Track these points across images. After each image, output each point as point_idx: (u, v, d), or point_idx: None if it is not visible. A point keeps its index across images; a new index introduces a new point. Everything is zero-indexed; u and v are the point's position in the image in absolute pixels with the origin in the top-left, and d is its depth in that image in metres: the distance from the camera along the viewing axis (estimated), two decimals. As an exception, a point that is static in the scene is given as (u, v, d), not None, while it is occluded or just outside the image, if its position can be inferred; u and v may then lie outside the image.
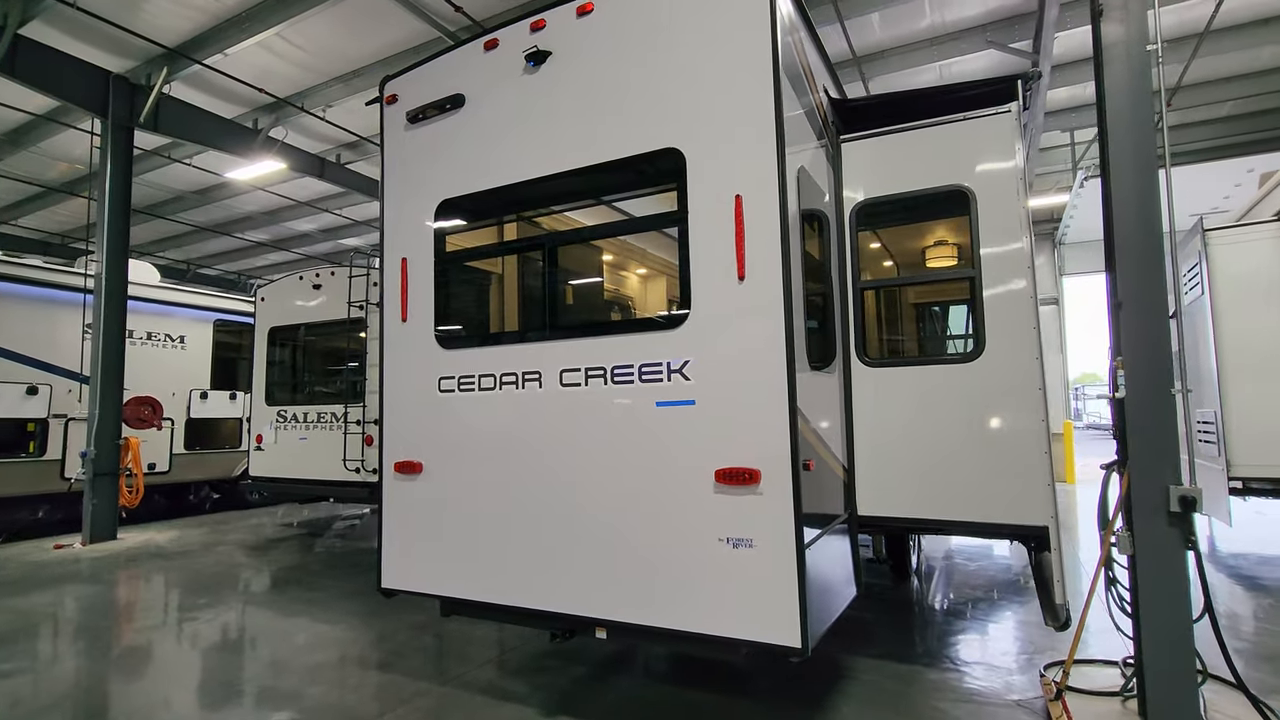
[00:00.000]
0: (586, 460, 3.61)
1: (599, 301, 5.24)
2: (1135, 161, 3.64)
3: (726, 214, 3.25)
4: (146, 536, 9.93)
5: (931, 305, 6.68)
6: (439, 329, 4.17)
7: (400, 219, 4.41)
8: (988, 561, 8.01)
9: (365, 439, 8.45)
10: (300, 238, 19.25)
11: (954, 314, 6.76)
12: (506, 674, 4.60)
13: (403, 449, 4.25)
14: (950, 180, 4.01)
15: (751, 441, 3.12)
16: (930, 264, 5.97)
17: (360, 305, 8.59)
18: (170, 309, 11.45)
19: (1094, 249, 18.22)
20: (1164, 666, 3.54)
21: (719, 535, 3.17)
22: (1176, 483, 3.52)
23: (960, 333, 6.68)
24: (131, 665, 4.95)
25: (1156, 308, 3.58)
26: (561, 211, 4.07)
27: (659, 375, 3.38)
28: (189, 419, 11.47)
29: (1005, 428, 3.79)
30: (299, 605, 6.35)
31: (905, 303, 6.59)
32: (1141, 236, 3.63)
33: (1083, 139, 12.53)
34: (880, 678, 4.46)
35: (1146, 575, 3.57)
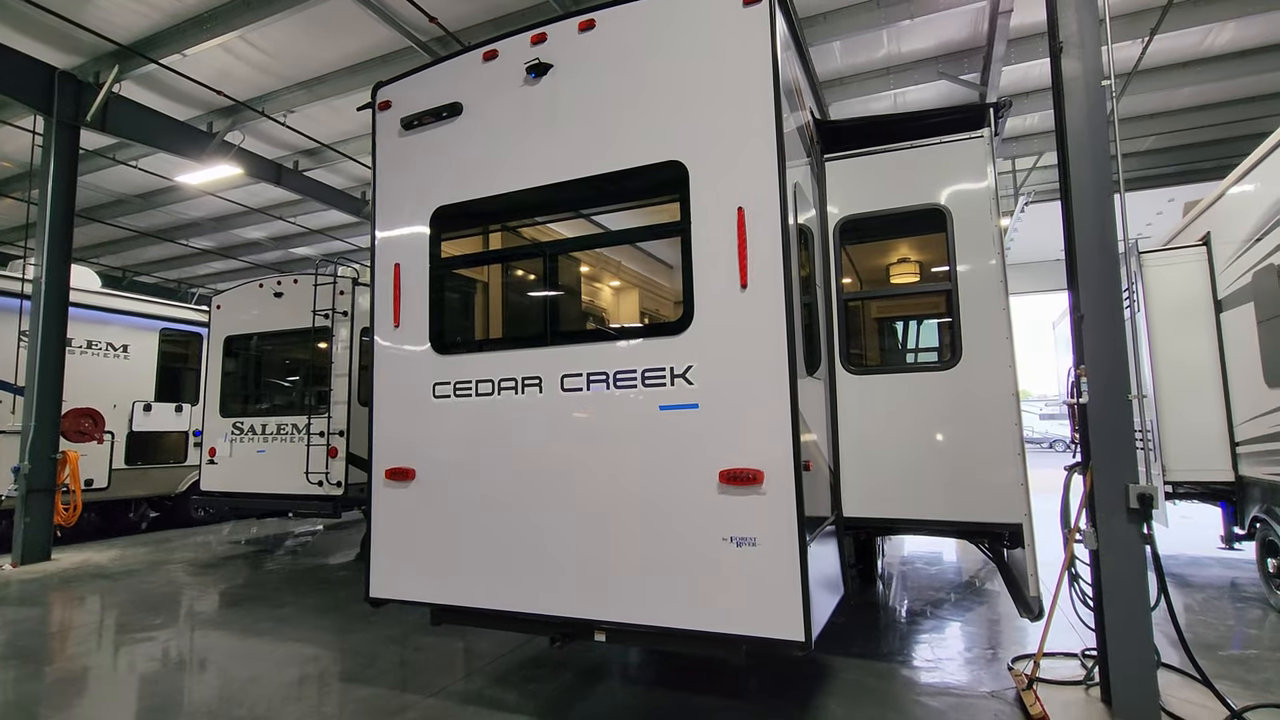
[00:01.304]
0: (588, 464, 3.66)
1: (598, 308, 5.31)
2: (1094, 186, 3.96)
3: (729, 225, 3.39)
4: (84, 556, 9.36)
5: (905, 318, 6.98)
6: (434, 335, 4.17)
7: (393, 225, 4.39)
8: (941, 566, 8.35)
9: (329, 451, 8.23)
10: (248, 245, 18.62)
11: (927, 326, 7.11)
12: (494, 684, 4.56)
13: (394, 455, 4.20)
14: (928, 200, 4.28)
15: (754, 443, 3.24)
16: (894, 280, 6.28)
17: (326, 314, 8.40)
18: (112, 316, 10.90)
19: (1033, 270, 19.30)
20: (1125, 654, 3.80)
21: (723, 535, 3.27)
22: (1134, 481, 3.82)
23: (932, 343, 7.03)
24: (86, 690, 4.69)
25: (1115, 320, 3.89)
26: (562, 220, 4.13)
27: (662, 380, 3.48)
28: (131, 432, 10.90)
29: (982, 431, 4.03)
30: (266, 623, 6.12)
31: (870, 316, 6.89)
32: (1100, 255, 3.94)
33: (1023, 166, 13.34)
34: (862, 676, 4.62)
35: (1109, 568, 3.84)
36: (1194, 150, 12.98)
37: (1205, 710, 3.87)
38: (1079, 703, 4.09)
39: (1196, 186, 11.78)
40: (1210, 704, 3.96)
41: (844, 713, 4.04)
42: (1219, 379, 6.66)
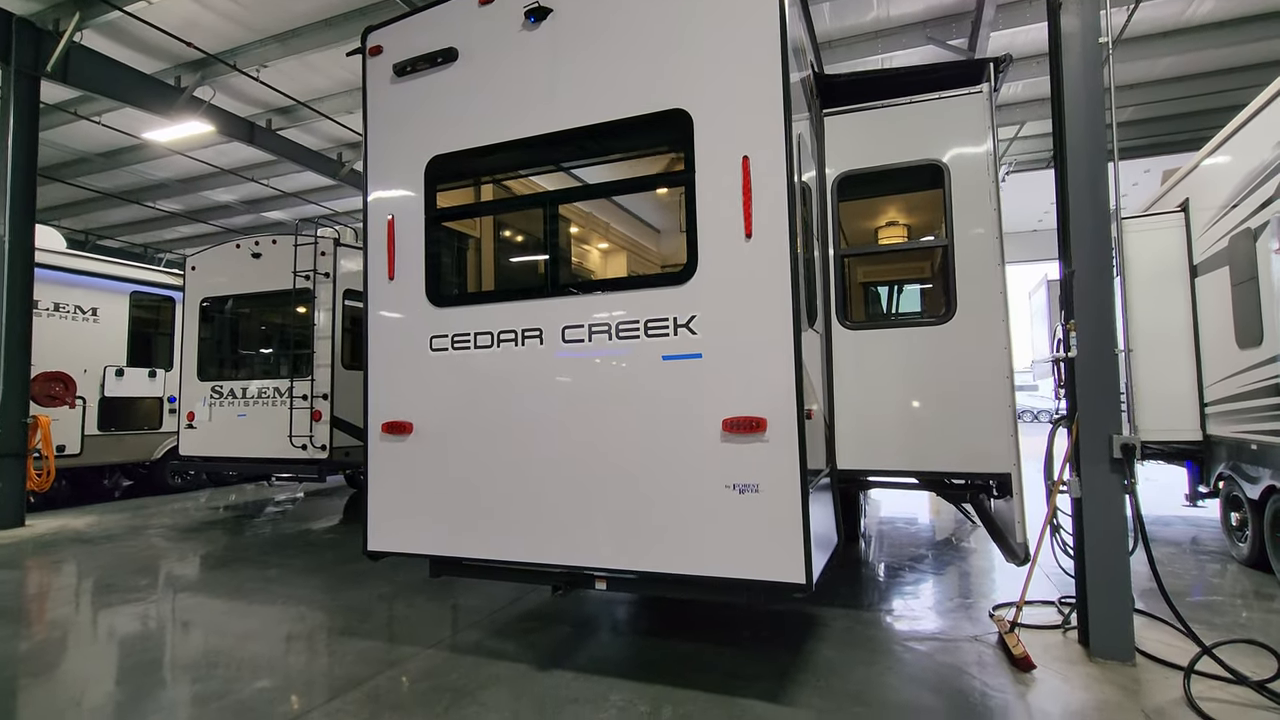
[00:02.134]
0: (589, 415, 3.67)
1: (599, 259, 5.28)
2: (1088, 138, 4.01)
3: (734, 174, 3.37)
4: (60, 523, 9.18)
5: (897, 280, 7.09)
6: (430, 287, 4.11)
7: (386, 175, 4.29)
8: (919, 526, 8.59)
9: (313, 414, 8.13)
10: (218, 209, 18.07)
11: (918, 284, 7.21)
12: (492, 635, 4.61)
13: (391, 409, 4.16)
14: (927, 155, 4.30)
15: (758, 392, 3.28)
16: (882, 241, 6.34)
17: (307, 276, 8.23)
18: (80, 279, 10.54)
19: (1012, 241, 19.56)
20: (1104, 597, 3.97)
21: (725, 482, 3.32)
22: (1118, 432, 3.95)
23: (918, 299, 7.15)
24: (74, 649, 4.65)
25: (1104, 275, 3.98)
26: (562, 170, 4.07)
27: (665, 330, 3.48)
28: (103, 398, 10.63)
29: (974, 383, 4.13)
30: (255, 583, 6.09)
31: (860, 276, 6.96)
32: (1092, 211, 4.01)
33: (1005, 136, 13.43)
34: (850, 624, 4.76)
35: (1091, 517, 3.99)
36: (1170, 122, 13.18)
37: (1175, 649, 4.07)
38: (1058, 644, 4.27)
39: (1171, 158, 11.97)
40: (1178, 643, 4.16)
41: (836, 657, 4.17)
42: (1191, 343, 6.87)
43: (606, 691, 3.71)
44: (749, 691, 3.67)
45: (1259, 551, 5.87)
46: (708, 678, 3.86)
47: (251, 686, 3.85)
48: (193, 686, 3.87)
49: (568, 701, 3.60)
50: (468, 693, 3.72)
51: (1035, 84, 11.25)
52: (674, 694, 3.66)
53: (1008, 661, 4.02)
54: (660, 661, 4.12)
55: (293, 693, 3.76)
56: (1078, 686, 3.67)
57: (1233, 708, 3.39)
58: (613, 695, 3.66)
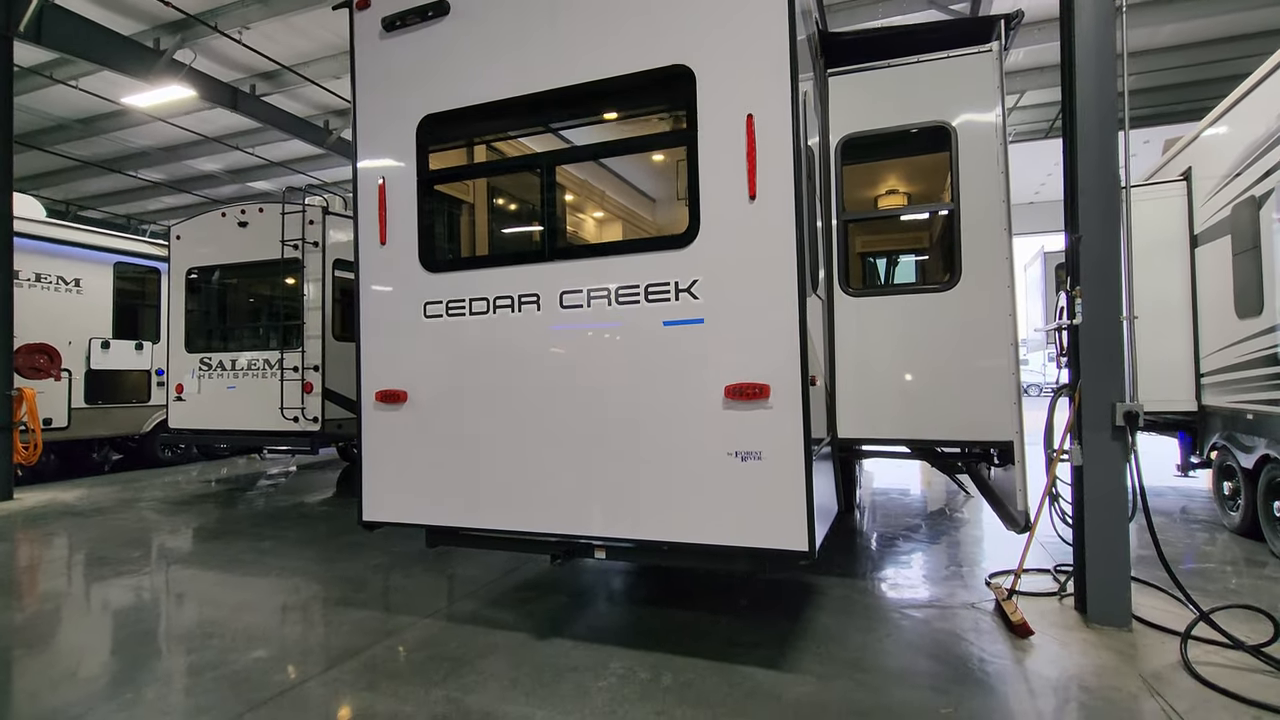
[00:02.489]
0: (588, 382, 3.60)
1: (595, 227, 5.16)
2: (1099, 106, 3.92)
3: (737, 133, 3.26)
4: (48, 496, 9.09)
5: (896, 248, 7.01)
6: (424, 252, 3.99)
7: (376, 135, 4.13)
8: (913, 497, 8.63)
9: (304, 386, 8.02)
10: (203, 179, 17.68)
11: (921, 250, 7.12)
12: (489, 605, 4.59)
13: (384, 377, 4.07)
14: (933, 117, 4.18)
15: (761, 357, 3.21)
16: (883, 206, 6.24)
17: (295, 245, 8.05)
18: (62, 249, 10.28)
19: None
20: (1102, 564, 3.98)
21: (727, 450, 3.27)
22: (1121, 400, 3.92)
23: (916, 268, 7.08)
24: (68, 620, 4.60)
25: (1110, 240, 3.91)
26: (559, 130, 3.94)
27: (666, 294, 3.40)
28: (89, 370, 10.46)
29: (978, 352, 4.07)
30: (249, 555, 6.04)
31: (855, 242, 6.86)
32: (1100, 177, 3.93)
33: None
34: (847, 592, 4.77)
35: (1092, 484, 3.98)
36: (1171, 92, 13.04)
37: (1169, 614, 4.10)
38: (1054, 611, 4.29)
39: (1171, 128, 11.86)
40: (1173, 609, 4.20)
41: (834, 624, 4.17)
42: (1189, 313, 6.85)
43: (606, 659, 3.70)
44: (749, 659, 3.67)
45: (1250, 520, 5.92)
46: (707, 645, 3.86)
47: (247, 657, 3.81)
48: (188, 657, 3.83)
49: (567, 669, 3.58)
50: (466, 662, 3.70)
51: (1037, 51, 11.07)
52: (674, 661, 3.65)
53: (1005, 628, 4.03)
54: (659, 629, 4.11)
55: (289, 663, 3.73)
56: (1075, 652, 3.69)
57: (1229, 671, 3.42)
58: (612, 663, 3.65)
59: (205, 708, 3.23)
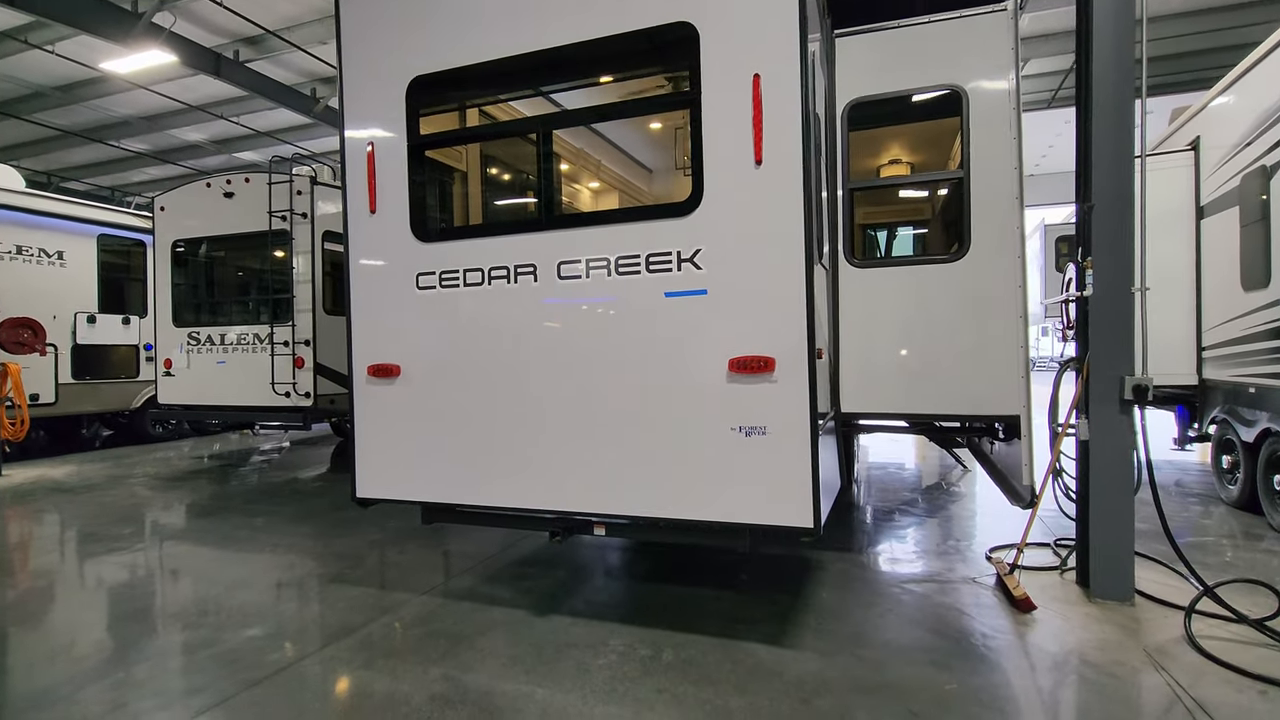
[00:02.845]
0: (587, 354, 3.50)
1: (590, 198, 5.01)
2: (1116, 68, 3.78)
3: (743, 94, 3.11)
4: (38, 472, 8.98)
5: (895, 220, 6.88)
6: (415, 221, 3.84)
7: (363, 98, 3.95)
8: (909, 471, 8.62)
9: (295, 361, 7.89)
10: (188, 149, 17.28)
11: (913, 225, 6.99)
12: (486, 581, 4.54)
13: (377, 351, 3.96)
14: (944, 80, 4.03)
15: (766, 330, 3.11)
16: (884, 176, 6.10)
17: (284, 216, 7.85)
18: (43, 220, 10.02)
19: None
20: (1107, 539, 3.94)
21: (731, 424, 3.18)
22: (1130, 373, 3.84)
23: (920, 240, 6.95)
24: (60, 598, 4.52)
25: (1124, 211, 3.81)
26: (555, 94, 3.77)
27: (668, 265, 3.28)
28: (76, 345, 10.28)
29: (986, 324, 3.98)
30: (243, 531, 5.97)
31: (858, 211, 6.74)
32: (1115, 144, 3.81)
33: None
34: (847, 567, 4.74)
35: (1098, 459, 3.92)
36: (1176, 61, 12.82)
37: (1171, 588, 4.08)
38: (1056, 586, 4.27)
39: (1176, 98, 11.68)
40: (1174, 583, 4.18)
41: (835, 600, 4.14)
42: (1192, 286, 6.77)
43: (606, 636, 3.65)
44: (750, 635, 3.63)
45: (1249, 494, 5.92)
46: (708, 621, 3.82)
47: (241, 635, 3.75)
48: (181, 635, 3.77)
49: (567, 646, 3.54)
50: (464, 639, 3.64)
51: (1042, 18, 10.83)
52: (674, 638, 3.61)
53: (1007, 603, 4.01)
54: (659, 606, 4.07)
55: (284, 640, 3.67)
56: (1078, 626, 3.66)
57: (1232, 645, 3.40)
58: (612, 640, 3.60)
59: (199, 688, 3.17)
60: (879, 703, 2.95)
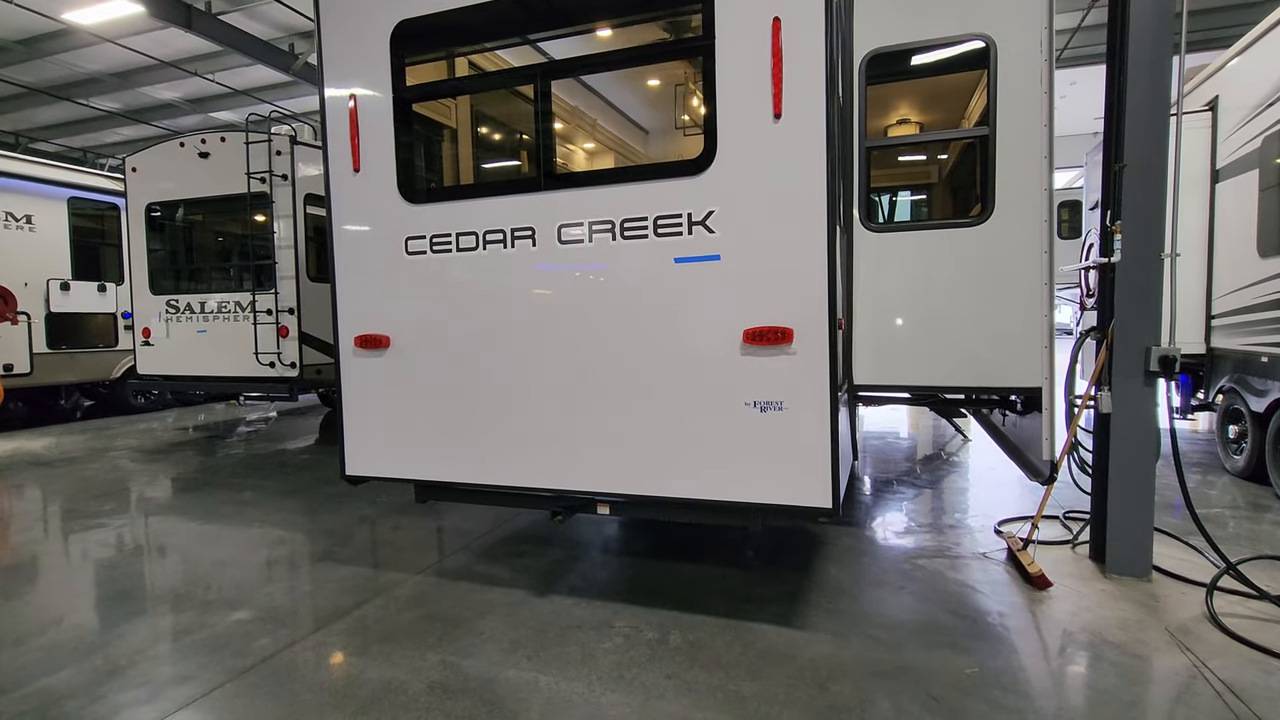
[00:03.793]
0: (590, 325, 3.28)
1: (584, 159, 4.72)
2: (1156, 19, 3.52)
3: (762, 40, 2.84)
4: (14, 445, 8.72)
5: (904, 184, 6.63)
6: (403, 181, 3.57)
7: (343, 45, 3.63)
8: (909, 441, 8.53)
9: (279, 330, 7.60)
10: (161, 109, 16.58)
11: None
12: (481, 560, 4.39)
13: (363, 321, 3.71)
14: (971, 29, 3.75)
15: (785, 299, 2.90)
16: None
17: (262, 178, 7.47)
18: (9, 182, 9.55)
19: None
20: (1126, 514, 3.82)
21: (745, 399, 3.00)
22: (1156, 343, 3.68)
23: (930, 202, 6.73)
24: (38, 577, 4.33)
25: (1157, 173, 3.60)
26: (554, 38, 3.46)
27: (678, 228, 3.04)
28: (50, 313, 9.90)
29: (1010, 291, 3.78)
30: (229, 508, 5.77)
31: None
32: (1151, 102, 3.58)
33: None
34: (853, 542, 4.62)
35: (1119, 432, 3.78)
36: (1194, 19, 12.44)
37: (1186, 563, 4.00)
38: (1068, 560, 4.17)
39: (1192, 57, 11.36)
40: (1188, 557, 4.10)
41: (844, 577, 4.02)
42: (1204, 252, 6.60)
43: (610, 618, 3.51)
44: (759, 615, 3.50)
45: (1256, 464, 5.84)
46: (714, 601, 3.69)
47: (229, 618, 3.58)
48: (166, 618, 3.59)
49: (569, 629, 3.40)
50: (462, 622, 3.49)
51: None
52: (681, 619, 3.47)
53: (1021, 579, 3.90)
54: (663, 585, 3.94)
55: (273, 624, 3.51)
56: (1095, 604, 3.56)
57: (1254, 623, 3.31)
58: (617, 621, 3.47)
59: (186, 676, 3.01)
60: (898, 688, 2.83)
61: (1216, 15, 12.12)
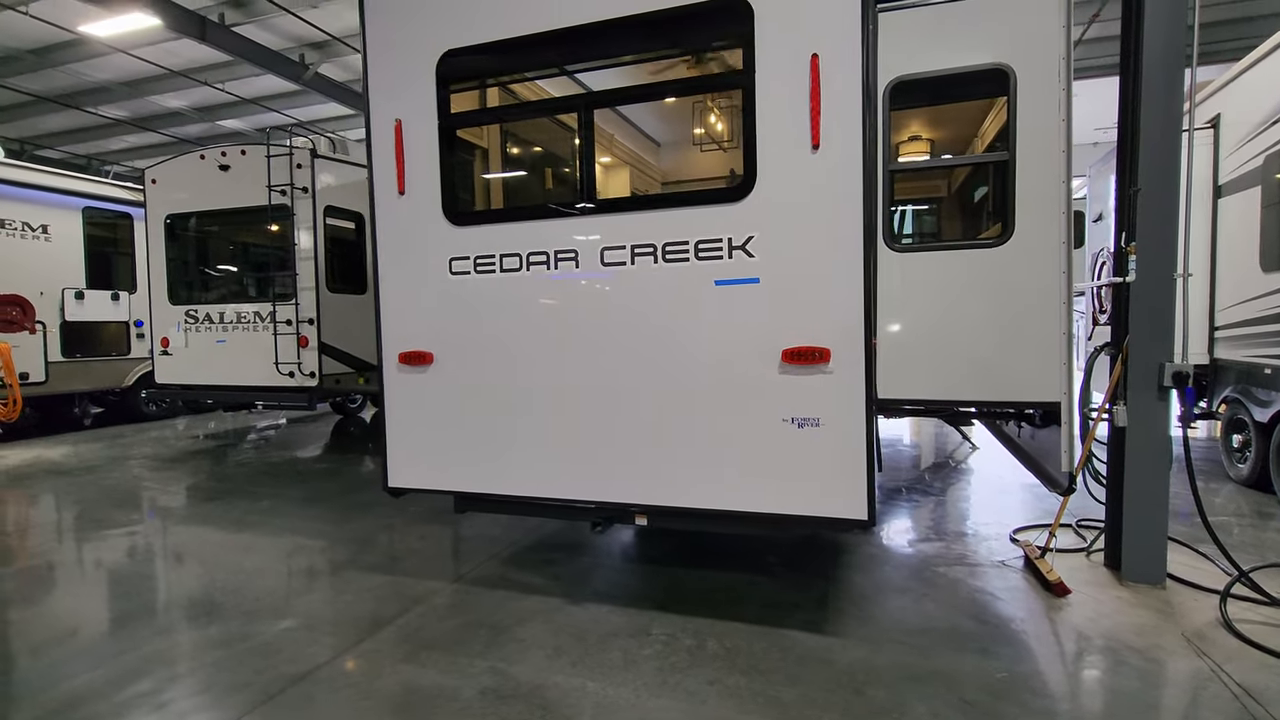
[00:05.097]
0: (631, 344, 3.41)
1: (600, 174, 4.85)
2: (1167, 43, 3.69)
3: (800, 75, 2.99)
4: (33, 453, 8.79)
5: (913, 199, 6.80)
6: (448, 204, 3.70)
7: (391, 72, 3.76)
8: (916, 448, 8.67)
9: (299, 340, 7.71)
10: (168, 116, 16.65)
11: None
12: (514, 568, 4.50)
13: (408, 338, 3.84)
14: (991, 58, 3.91)
15: (822, 320, 3.04)
16: (903, 158, 5.98)
17: (283, 191, 7.59)
18: (24, 192, 9.62)
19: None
20: (1141, 523, 3.97)
21: (783, 416, 3.13)
22: (1169, 359, 3.83)
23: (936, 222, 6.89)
24: (74, 587, 4.43)
25: (1171, 193, 3.75)
26: (597, 69, 3.60)
27: (718, 252, 3.18)
28: (65, 322, 9.98)
29: (1028, 311, 3.93)
30: (253, 516, 5.87)
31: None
32: (1165, 122, 3.74)
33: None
34: (873, 551, 4.76)
35: (1134, 444, 3.93)
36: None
37: (1200, 571, 4.14)
38: (1084, 568, 4.32)
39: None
40: (1199, 564, 4.24)
41: (868, 585, 4.15)
42: (1206, 265, 6.78)
43: (647, 625, 3.63)
44: (790, 622, 3.63)
45: (1260, 473, 6.01)
46: (745, 608, 3.81)
47: (275, 627, 3.69)
48: (214, 627, 3.70)
49: (609, 636, 3.52)
50: (503, 629, 3.61)
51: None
52: (715, 626, 3.60)
53: (1039, 586, 4.04)
54: (693, 592, 4.06)
55: (320, 633, 3.61)
56: (1113, 610, 3.70)
57: (1267, 629, 3.45)
58: (654, 629, 3.59)
59: (242, 684, 3.11)
60: (932, 691, 2.96)
61: (1216, 30, 12.36)
